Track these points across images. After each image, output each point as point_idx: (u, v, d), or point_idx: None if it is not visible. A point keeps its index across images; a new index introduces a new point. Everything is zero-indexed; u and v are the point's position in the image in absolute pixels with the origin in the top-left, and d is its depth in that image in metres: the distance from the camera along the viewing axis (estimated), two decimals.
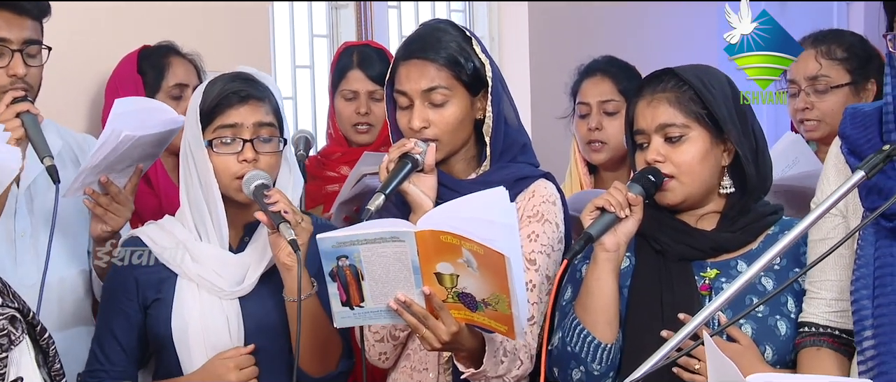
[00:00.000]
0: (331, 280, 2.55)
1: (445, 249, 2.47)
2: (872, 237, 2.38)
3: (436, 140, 2.79)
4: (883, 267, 2.34)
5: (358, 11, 4.85)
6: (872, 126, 2.38)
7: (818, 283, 2.55)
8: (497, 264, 2.43)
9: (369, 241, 2.49)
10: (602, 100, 3.80)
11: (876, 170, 2.16)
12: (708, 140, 2.67)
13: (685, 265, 2.69)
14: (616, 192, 2.61)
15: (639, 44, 5.49)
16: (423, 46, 2.80)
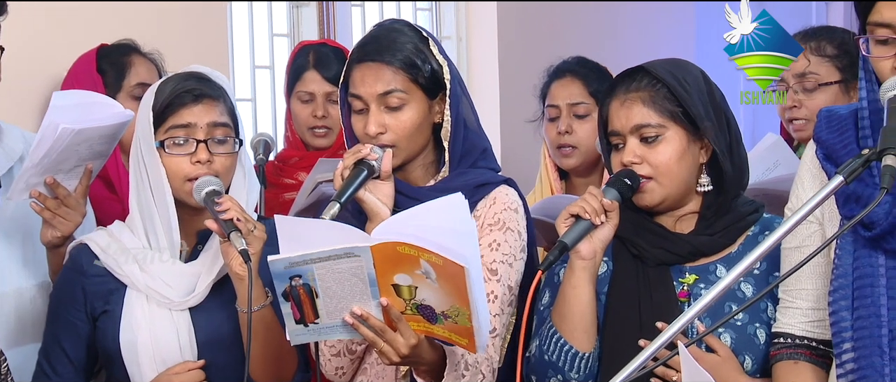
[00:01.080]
0: (283, 300, 2.53)
1: (403, 260, 2.47)
2: (850, 246, 2.38)
3: (392, 145, 2.78)
4: (862, 278, 2.34)
5: (320, 10, 4.84)
6: (848, 130, 2.38)
7: (793, 292, 2.55)
8: (456, 275, 2.42)
9: (323, 259, 2.48)
10: (572, 103, 3.80)
11: (855, 175, 2.15)
12: (685, 138, 2.68)
13: (664, 270, 2.70)
14: (591, 198, 2.61)
15: (612, 44, 5.51)
16: (378, 48, 2.78)
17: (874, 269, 2.33)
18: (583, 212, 2.60)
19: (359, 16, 5.05)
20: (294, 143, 3.93)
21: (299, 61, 3.89)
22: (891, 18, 2.27)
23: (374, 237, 2.48)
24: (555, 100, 3.82)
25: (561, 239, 2.60)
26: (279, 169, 3.91)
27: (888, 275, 2.32)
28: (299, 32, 4.84)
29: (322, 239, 2.49)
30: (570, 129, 3.77)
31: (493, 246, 2.77)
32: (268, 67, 4.79)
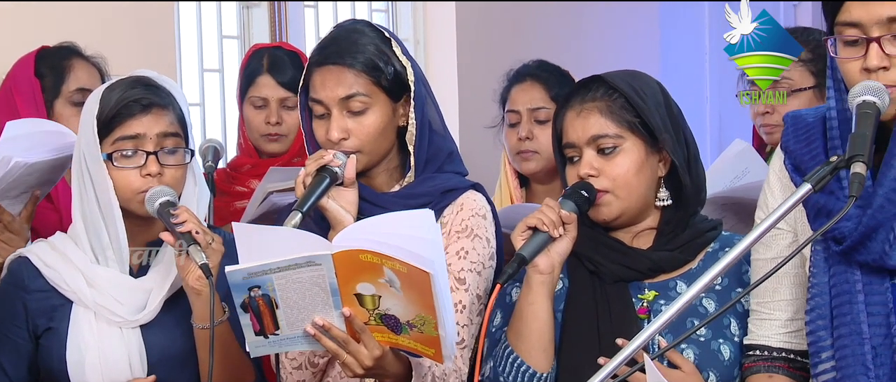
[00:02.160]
0: (242, 311, 2.52)
1: (366, 268, 2.46)
2: (824, 264, 2.37)
3: (356, 151, 2.78)
4: (840, 296, 2.34)
5: (271, 11, 4.83)
6: (816, 139, 2.39)
7: (770, 304, 2.55)
8: (421, 282, 2.43)
9: (283, 269, 2.48)
10: (532, 108, 3.81)
11: (823, 183, 2.16)
12: (643, 150, 2.69)
13: (622, 286, 2.70)
14: (548, 210, 2.61)
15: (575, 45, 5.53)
16: (339, 50, 2.78)
17: (851, 286, 2.33)
18: (540, 225, 2.60)
19: (312, 17, 5.05)
20: (246, 150, 3.91)
21: (252, 65, 3.88)
22: (860, 18, 2.26)
23: (336, 244, 2.48)
24: (515, 105, 3.83)
25: (519, 252, 2.59)
26: (231, 176, 3.90)
27: (866, 291, 2.32)
28: (250, 34, 4.83)
29: (281, 247, 2.49)
30: (531, 135, 3.79)
31: (460, 253, 2.77)
32: (217, 71, 4.78)
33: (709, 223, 2.76)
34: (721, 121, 6.63)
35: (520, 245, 2.61)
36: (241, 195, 3.82)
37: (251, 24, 4.84)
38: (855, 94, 2.23)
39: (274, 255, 2.48)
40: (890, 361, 2.31)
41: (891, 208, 2.26)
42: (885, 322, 2.31)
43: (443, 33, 5.25)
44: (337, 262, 2.47)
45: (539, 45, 5.23)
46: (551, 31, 5.52)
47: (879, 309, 2.31)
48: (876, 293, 2.31)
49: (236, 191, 3.86)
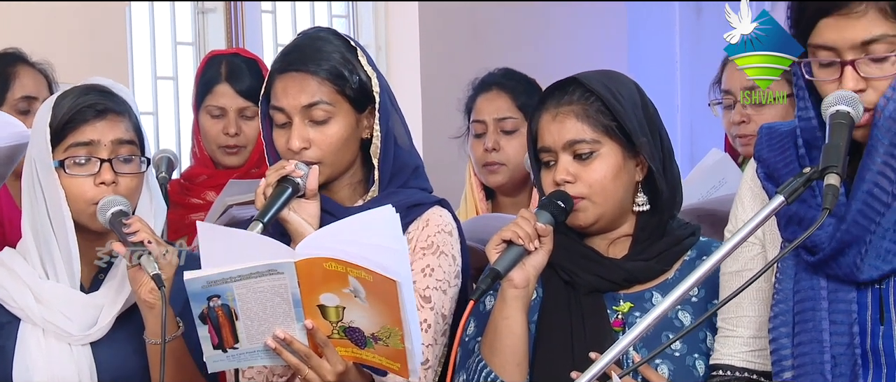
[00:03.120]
0: (201, 323, 2.52)
1: (330, 278, 2.47)
2: (791, 270, 2.38)
3: (318, 162, 2.77)
4: (803, 302, 2.36)
5: (227, 16, 4.83)
6: (790, 148, 2.40)
7: (733, 320, 2.56)
8: (388, 292, 2.43)
9: (244, 277, 2.48)
10: (499, 118, 3.83)
11: (796, 194, 2.18)
12: (620, 154, 2.70)
13: (597, 297, 2.71)
14: (524, 223, 2.61)
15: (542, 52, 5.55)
16: (303, 57, 2.79)
17: (816, 293, 2.34)
18: (515, 238, 2.60)
19: (269, 22, 5.05)
20: (202, 160, 3.89)
21: (209, 73, 3.86)
22: (833, 41, 2.28)
23: (299, 252, 2.48)
24: (481, 114, 3.85)
25: (493, 266, 2.59)
26: (185, 188, 3.88)
27: (830, 299, 2.33)
28: (205, 40, 4.82)
29: (243, 252, 2.49)
30: (498, 146, 3.80)
31: (426, 271, 2.77)
32: (171, 78, 4.78)
33: (686, 229, 2.77)
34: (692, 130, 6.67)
35: (494, 258, 2.61)
36: (197, 207, 3.80)
37: (206, 30, 4.84)
38: (828, 104, 2.25)
39: (235, 261, 2.48)
40: (850, 371, 2.33)
41: (864, 223, 2.28)
42: (848, 332, 2.33)
43: (405, 39, 5.26)
44: (300, 271, 2.47)
45: (505, 51, 5.24)
46: (517, 38, 5.54)
47: (843, 319, 2.33)
48: (841, 301, 2.33)
49: (191, 203, 3.84)
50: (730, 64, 3.67)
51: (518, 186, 3.84)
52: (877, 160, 2.27)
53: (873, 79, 2.27)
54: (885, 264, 2.29)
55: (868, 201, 2.28)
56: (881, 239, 2.28)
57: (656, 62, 6.59)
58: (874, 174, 2.28)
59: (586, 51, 5.81)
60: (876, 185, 2.28)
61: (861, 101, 2.25)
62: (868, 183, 2.28)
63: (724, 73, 3.69)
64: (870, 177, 2.28)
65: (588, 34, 5.90)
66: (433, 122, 5.07)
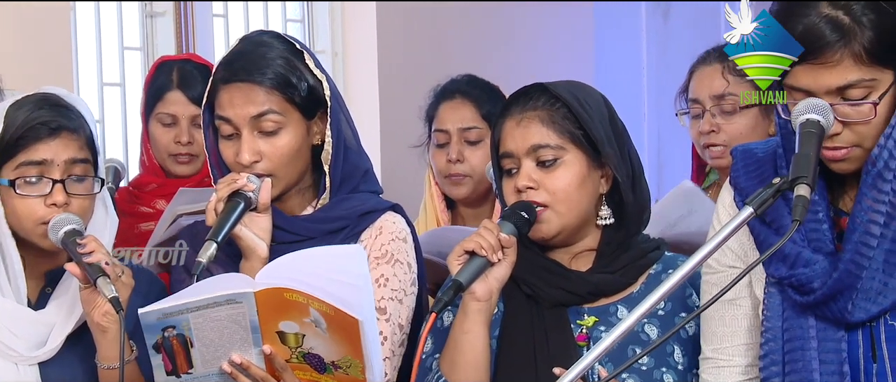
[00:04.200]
0: (154, 352, 2.53)
1: (290, 307, 2.48)
2: (779, 308, 2.42)
3: (270, 174, 2.78)
4: (793, 341, 2.39)
5: (177, 20, 4.81)
6: (768, 175, 2.41)
7: (729, 349, 2.56)
8: (349, 327, 2.45)
9: (202, 308, 2.49)
10: (463, 128, 3.84)
11: (765, 206, 2.19)
12: (585, 163, 2.72)
13: (560, 311, 2.73)
14: (487, 233, 2.62)
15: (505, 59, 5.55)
16: (247, 66, 2.78)
17: (804, 332, 2.37)
18: (478, 249, 2.61)
19: (221, 27, 5.04)
20: (151, 169, 3.87)
21: (160, 79, 3.83)
22: (808, 86, 2.31)
23: (259, 281, 2.49)
24: (443, 124, 3.86)
25: (455, 277, 2.60)
26: (134, 196, 3.86)
27: (819, 338, 2.37)
28: (154, 45, 4.81)
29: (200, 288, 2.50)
30: (462, 157, 3.82)
31: (380, 281, 2.78)
32: (118, 84, 4.76)
33: (651, 243, 2.80)
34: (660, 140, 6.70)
35: (456, 269, 2.62)
36: (146, 216, 3.78)
37: (155, 35, 4.83)
38: (798, 113, 2.28)
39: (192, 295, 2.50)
40: None
41: (857, 271, 2.32)
42: (839, 371, 2.35)
43: (363, 45, 5.25)
44: (260, 300, 2.48)
45: (467, 57, 5.23)
46: (480, 44, 5.55)
47: (833, 358, 2.36)
48: (830, 340, 2.36)
49: (141, 212, 3.81)
50: (697, 72, 3.69)
51: (481, 198, 3.84)
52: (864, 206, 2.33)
53: (852, 123, 2.31)
54: (875, 306, 2.33)
55: (862, 250, 2.33)
56: (871, 280, 2.32)
57: (623, 68, 6.62)
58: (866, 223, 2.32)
59: (552, 56, 5.82)
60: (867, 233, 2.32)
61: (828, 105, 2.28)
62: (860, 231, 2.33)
63: (692, 82, 3.70)
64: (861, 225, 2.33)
65: (553, 39, 5.91)
66: (392, 130, 5.07)
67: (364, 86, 5.20)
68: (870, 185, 2.32)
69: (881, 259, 2.32)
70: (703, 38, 5.29)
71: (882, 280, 2.32)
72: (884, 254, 2.32)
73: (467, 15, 5.56)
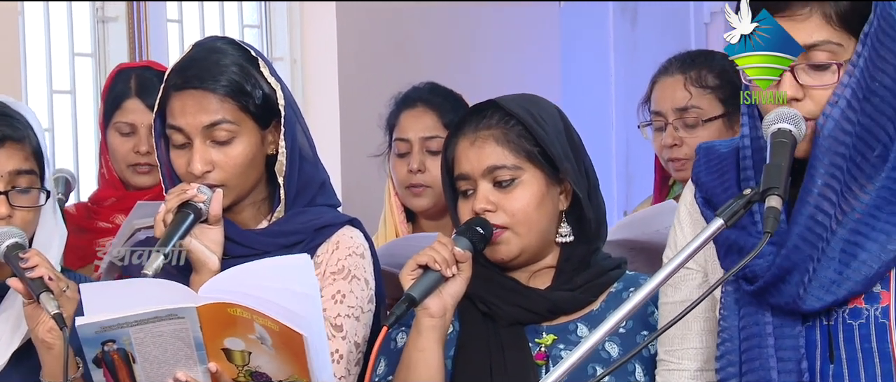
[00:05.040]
0: (95, 367, 2.53)
1: (235, 323, 2.49)
2: (735, 305, 2.41)
3: (222, 185, 2.78)
4: (750, 339, 2.38)
5: (130, 25, 4.80)
6: (729, 171, 2.42)
7: (679, 352, 2.57)
8: (295, 344, 2.46)
9: (141, 322, 2.49)
10: (425, 137, 3.83)
11: (736, 217, 2.20)
12: (543, 182, 2.73)
13: (518, 330, 2.73)
14: (441, 248, 2.63)
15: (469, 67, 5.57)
16: (200, 73, 2.78)
17: (761, 329, 2.37)
18: (432, 263, 2.61)
19: (176, 33, 5.03)
20: (110, 182, 3.85)
21: (119, 87, 3.82)
22: None
23: (202, 296, 2.50)
24: (405, 133, 3.84)
25: (408, 292, 2.60)
26: (92, 211, 3.85)
27: (776, 335, 2.36)
28: (105, 52, 4.79)
29: (140, 298, 2.49)
30: (423, 167, 3.80)
31: (336, 297, 2.78)
32: (68, 92, 4.74)
33: (612, 261, 2.81)
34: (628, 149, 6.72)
35: (409, 284, 2.62)
36: (105, 232, 3.76)
37: (107, 41, 4.81)
38: (769, 122, 2.29)
39: (132, 306, 2.49)
40: None
41: (806, 248, 2.31)
42: (797, 369, 2.35)
43: (322, 52, 5.24)
44: (203, 315, 2.49)
45: (430, 64, 5.25)
46: (443, 51, 5.56)
47: (791, 355, 2.36)
48: (787, 337, 2.36)
49: (99, 227, 3.80)
50: (659, 83, 3.70)
51: (442, 210, 3.82)
52: (817, 181, 2.31)
53: (811, 88, 2.31)
54: (829, 294, 2.32)
55: (810, 225, 2.31)
56: (826, 269, 2.32)
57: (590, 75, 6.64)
58: (816, 197, 2.31)
59: (517, 64, 5.84)
60: (818, 209, 2.31)
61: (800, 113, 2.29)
62: (810, 206, 2.31)
63: (653, 93, 3.72)
64: (811, 199, 2.31)
65: (519, 46, 5.93)
66: (352, 140, 5.05)
67: (324, 93, 5.19)
68: (818, 159, 2.30)
69: (838, 248, 2.31)
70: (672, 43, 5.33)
71: (837, 269, 2.31)
72: (841, 244, 2.31)
73: (431, 21, 5.56)
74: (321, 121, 5.11)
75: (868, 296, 2.34)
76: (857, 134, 2.30)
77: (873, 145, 2.32)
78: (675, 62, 3.70)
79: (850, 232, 2.31)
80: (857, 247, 2.31)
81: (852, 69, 2.30)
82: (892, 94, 2.32)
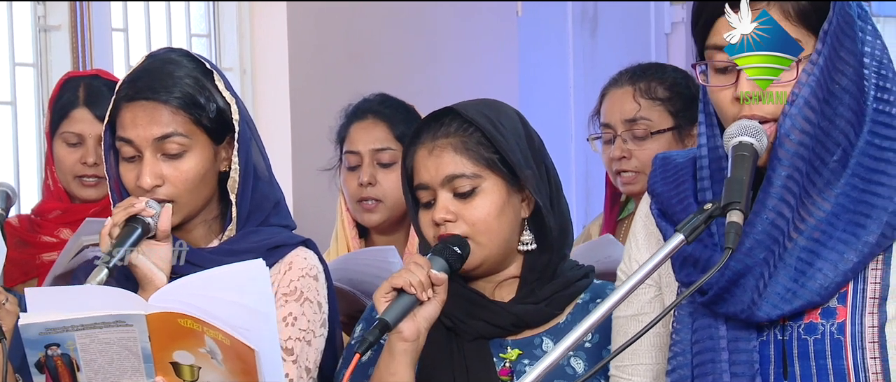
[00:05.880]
0: (37, 371, 2.51)
1: (184, 335, 2.49)
2: (688, 317, 2.41)
3: (172, 200, 2.78)
4: (703, 353, 2.38)
5: (73, 34, 4.77)
6: (686, 181, 2.42)
7: (628, 368, 2.57)
8: (246, 358, 2.46)
9: (87, 327, 2.48)
10: (375, 149, 3.83)
11: (697, 232, 2.21)
12: (504, 189, 2.75)
13: (482, 344, 2.74)
14: (417, 270, 2.64)
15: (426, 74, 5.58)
16: (152, 84, 2.78)
17: (715, 342, 2.37)
18: (407, 286, 2.62)
19: (121, 42, 5.01)
20: (56, 194, 3.83)
21: (66, 96, 3.80)
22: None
23: (152, 304, 2.49)
24: (355, 145, 3.84)
25: (381, 316, 2.60)
26: (36, 224, 3.83)
27: (730, 349, 2.36)
28: (48, 61, 4.77)
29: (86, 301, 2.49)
30: (374, 180, 3.80)
31: (288, 320, 2.78)
32: (9, 103, 4.73)
33: (579, 270, 2.82)
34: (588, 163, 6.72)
35: (383, 307, 2.62)
36: (49, 246, 3.75)
37: (49, 50, 4.78)
38: (730, 135, 2.29)
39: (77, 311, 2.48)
40: None
41: (761, 252, 2.32)
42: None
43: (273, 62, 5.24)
44: (151, 325, 2.48)
45: (384, 75, 5.26)
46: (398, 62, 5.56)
47: (744, 370, 2.36)
48: (741, 351, 2.36)
49: (42, 241, 3.78)
50: (608, 94, 3.73)
51: (395, 225, 3.84)
52: (776, 183, 2.31)
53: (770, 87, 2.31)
54: (785, 303, 2.32)
55: (768, 229, 2.31)
56: (782, 278, 2.32)
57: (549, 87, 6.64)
58: (774, 200, 2.31)
59: (474, 74, 5.85)
60: (776, 213, 2.31)
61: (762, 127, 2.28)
62: (768, 209, 2.31)
63: (603, 105, 3.74)
64: (770, 202, 2.31)
65: (476, 57, 5.94)
66: (303, 153, 5.05)
67: (274, 104, 5.19)
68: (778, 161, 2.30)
69: (795, 256, 2.32)
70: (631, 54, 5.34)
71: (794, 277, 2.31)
72: (798, 252, 2.32)
73: (386, 30, 5.57)
74: (271, 132, 5.11)
75: (824, 311, 2.35)
76: (816, 136, 2.31)
77: (832, 149, 2.33)
78: (626, 74, 3.74)
79: (808, 241, 2.32)
80: (815, 256, 2.31)
81: (812, 67, 2.30)
82: (850, 96, 2.33)
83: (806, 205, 2.32)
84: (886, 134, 2.34)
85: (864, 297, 2.33)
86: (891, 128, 2.34)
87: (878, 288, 2.33)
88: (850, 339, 2.33)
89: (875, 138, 2.34)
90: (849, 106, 2.33)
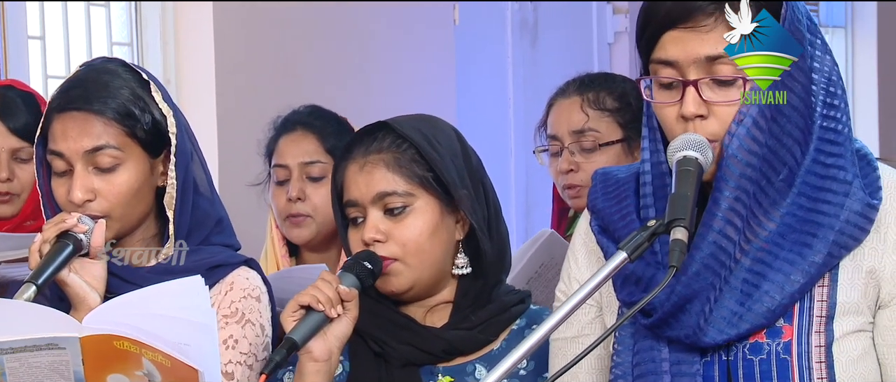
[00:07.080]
0: None
1: (120, 358, 2.48)
2: (630, 339, 2.42)
3: (105, 215, 2.77)
4: (644, 376, 2.38)
5: None
6: (628, 197, 2.43)
7: None
8: (187, 379, 2.44)
9: (17, 350, 2.47)
10: (305, 162, 3.83)
11: (640, 251, 2.22)
12: (437, 209, 2.75)
13: (412, 371, 2.74)
14: (325, 286, 2.64)
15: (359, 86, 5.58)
16: (86, 94, 2.78)
17: (657, 365, 2.37)
18: (315, 303, 2.61)
19: (38, 50, 4.99)
20: None
21: None
22: (675, 57, 2.32)
23: (86, 326, 2.48)
24: (283, 158, 3.84)
25: (288, 335, 2.60)
26: None
27: (672, 372, 2.37)
28: None
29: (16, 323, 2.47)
30: (303, 195, 3.80)
31: (229, 342, 2.77)
32: None
33: (515, 295, 2.82)
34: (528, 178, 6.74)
35: (290, 326, 2.62)
36: None
37: None
38: (674, 149, 2.30)
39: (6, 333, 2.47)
40: None
41: (708, 276, 2.32)
42: None
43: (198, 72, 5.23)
44: (86, 347, 2.47)
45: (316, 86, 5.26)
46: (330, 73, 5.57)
47: None
48: (684, 374, 2.36)
49: None
50: (555, 105, 3.74)
51: (326, 241, 3.84)
52: (722, 205, 2.32)
53: (716, 105, 2.32)
54: (731, 327, 2.33)
55: (713, 251, 2.32)
56: (728, 301, 2.33)
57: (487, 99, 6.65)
58: (720, 221, 2.32)
59: (408, 85, 5.86)
60: (722, 235, 2.32)
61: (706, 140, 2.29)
62: (714, 231, 2.32)
63: (550, 116, 3.75)
64: (715, 224, 2.32)
65: (410, 66, 5.95)
66: (230, 167, 5.04)
67: (200, 117, 5.16)
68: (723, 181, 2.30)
69: (741, 278, 2.33)
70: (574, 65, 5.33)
71: (740, 300, 2.33)
72: (744, 274, 2.33)
73: (318, 40, 5.57)
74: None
75: (770, 331, 2.36)
76: (763, 156, 2.32)
77: (779, 168, 2.34)
78: (573, 84, 3.75)
79: (754, 262, 2.34)
80: (761, 278, 2.33)
81: None
82: (799, 115, 2.35)
83: (751, 226, 2.34)
84: (831, 150, 2.36)
85: (811, 316, 2.36)
86: (836, 144, 2.37)
87: (824, 307, 2.35)
88: (797, 359, 2.35)
89: (820, 155, 2.36)
90: (796, 124, 2.35)
